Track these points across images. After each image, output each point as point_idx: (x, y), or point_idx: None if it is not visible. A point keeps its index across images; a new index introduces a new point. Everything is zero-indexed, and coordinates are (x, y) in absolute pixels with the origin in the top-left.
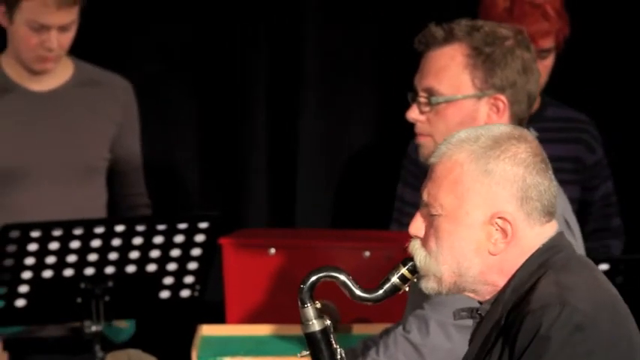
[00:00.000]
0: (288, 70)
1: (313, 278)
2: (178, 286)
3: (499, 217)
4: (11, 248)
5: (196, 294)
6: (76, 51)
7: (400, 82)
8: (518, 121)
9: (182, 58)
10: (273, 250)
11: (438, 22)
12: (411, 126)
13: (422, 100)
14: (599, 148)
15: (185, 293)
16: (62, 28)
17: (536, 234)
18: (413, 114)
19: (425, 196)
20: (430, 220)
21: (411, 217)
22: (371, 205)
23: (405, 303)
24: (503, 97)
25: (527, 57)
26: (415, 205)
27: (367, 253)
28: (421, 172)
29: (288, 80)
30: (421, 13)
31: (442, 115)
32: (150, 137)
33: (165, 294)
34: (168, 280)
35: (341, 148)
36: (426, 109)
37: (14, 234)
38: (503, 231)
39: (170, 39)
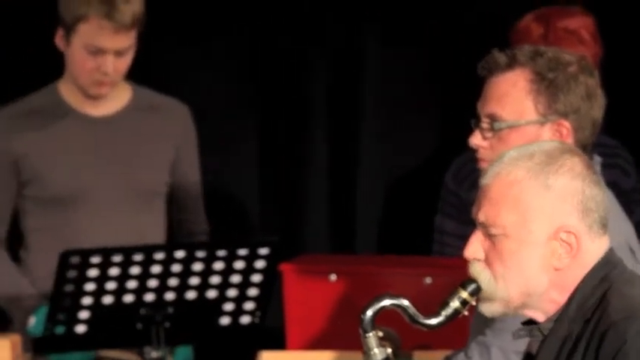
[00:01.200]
0: (348, 96)
1: (374, 307)
2: (238, 312)
3: (564, 231)
4: (71, 274)
5: (256, 320)
6: (134, 75)
7: (461, 107)
8: (582, 147)
9: (242, 83)
10: (334, 277)
11: (500, 49)
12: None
13: (485, 125)
14: (633, 172)
15: (245, 319)
16: (118, 53)
17: (596, 247)
18: (476, 140)
19: (482, 218)
20: (491, 242)
21: (452, 248)
22: (433, 232)
23: (466, 329)
24: (566, 123)
25: (591, 83)
26: (455, 235)
27: (428, 280)
28: (460, 202)
29: (348, 106)
30: (482, 39)
31: (505, 141)
32: (210, 163)
33: (225, 320)
34: (228, 307)
35: (402, 174)
36: (489, 134)
37: (74, 260)
38: (568, 245)
39: (230, 65)
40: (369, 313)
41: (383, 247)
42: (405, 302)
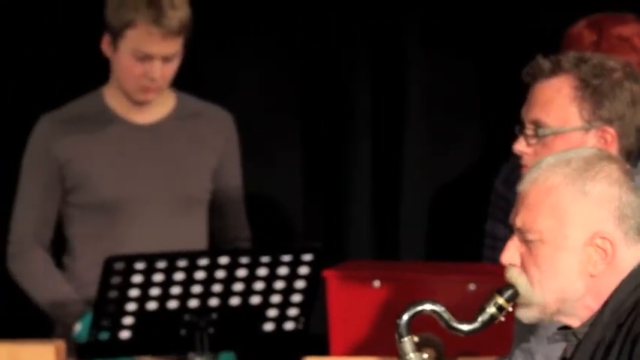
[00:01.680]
0: (393, 103)
1: (410, 312)
2: (282, 318)
3: (600, 237)
4: (116, 280)
5: (300, 326)
6: (181, 83)
7: (507, 112)
8: (627, 154)
9: (284, 88)
10: (377, 283)
11: (545, 55)
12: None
13: (529, 132)
14: None
15: (289, 326)
16: (166, 59)
17: (632, 254)
18: (520, 146)
19: (519, 224)
20: (527, 248)
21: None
22: (477, 238)
23: (510, 335)
24: (611, 130)
25: (636, 89)
26: (507, 240)
27: (472, 287)
28: (510, 206)
29: (393, 112)
30: (526, 44)
31: (549, 147)
32: (253, 169)
33: (269, 326)
34: (272, 313)
35: (446, 180)
36: (533, 141)
37: (119, 266)
38: (604, 251)
39: (273, 71)
40: (405, 318)
41: (427, 253)
42: (441, 308)
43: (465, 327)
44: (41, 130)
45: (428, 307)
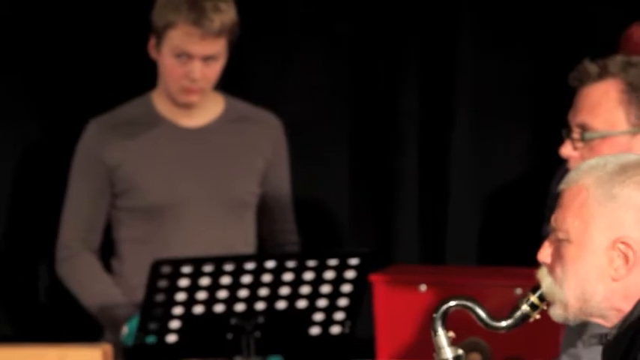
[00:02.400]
0: (440, 106)
1: (445, 307)
2: (328, 322)
3: (622, 242)
4: (162, 284)
5: (347, 330)
6: (228, 87)
7: (553, 118)
8: None
9: (332, 93)
10: (424, 287)
11: (592, 58)
12: (563, 162)
13: (576, 136)
14: None
15: (335, 330)
16: (206, 59)
17: None
18: (566, 150)
19: (553, 222)
20: (557, 246)
21: None
22: (523, 242)
23: (558, 340)
24: None
25: None
26: None
27: (519, 291)
28: None
29: (440, 116)
30: (574, 48)
31: (596, 151)
32: (300, 173)
33: (315, 330)
34: (318, 317)
35: (493, 184)
36: (580, 145)
37: (166, 269)
38: (625, 256)
39: (321, 77)
40: (439, 312)
41: (473, 257)
42: (474, 304)
43: (498, 323)
44: (90, 135)
45: (462, 302)
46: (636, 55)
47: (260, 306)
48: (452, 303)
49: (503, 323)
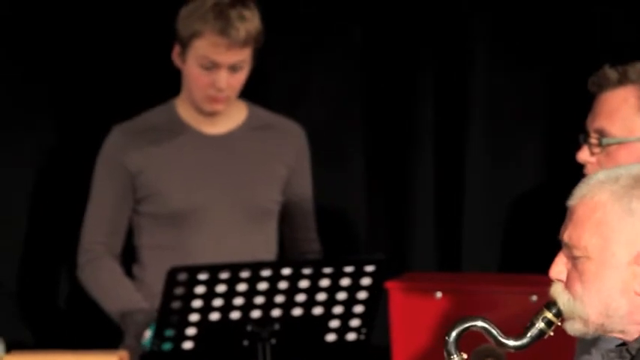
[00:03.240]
0: (455, 115)
1: (457, 330)
2: (344, 329)
3: None
4: (179, 291)
5: (362, 337)
6: (248, 94)
7: (567, 125)
8: None
9: (349, 100)
10: (439, 294)
11: (612, 65)
12: (579, 168)
13: (593, 141)
14: None
15: (351, 336)
16: (232, 68)
17: None
18: (583, 155)
19: (566, 239)
20: (573, 263)
21: None
22: (538, 249)
23: (572, 349)
24: None
25: None
26: None
27: (534, 298)
28: None
29: (456, 123)
30: (587, 56)
31: (613, 157)
32: (317, 181)
33: (331, 337)
34: (334, 323)
35: (508, 191)
36: (597, 150)
37: (182, 276)
38: None
39: (338, 85)
40: (453, 335)
41: (489, 265)
42: (488, 324)
43: (514, 342)
44: (113, 140)
45: (475, 323)
46: None
47: (276, 313)
48: (465, 325)
49: (519, 342)
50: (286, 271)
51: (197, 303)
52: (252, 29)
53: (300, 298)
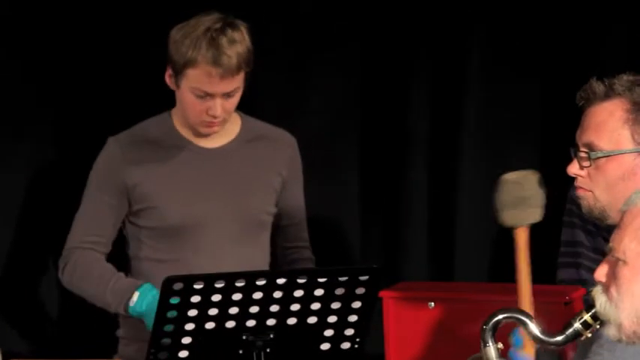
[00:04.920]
0: (449, 126)
1: (496, 318)
2: (339, 338)
3: None
4: (175, 300)
5: (356, 346)
6: (242, 107)
7: (562, 135)
8: None
9: (345, 113)
10: (432, 304)
11: (599, 78)
12: (571, 180)
13: (582, 155)
14: None
15: (345, 345)
16: (227, 95)
17: None
18: (573, 169)
19: (611, 242)
20: (613, 266)
21: (585, 258)
22: (532, 259)
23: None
24: None
25: None
26: (587, 246)
27: None
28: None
29: (449, 136)
30: (584, 67)
31: (602, 170)
32: (311, 191)
33: (325, 346)
34: (328, 332)
35: None
36: (587, 163)
37: (177, 286)
38: None
39: (333, 95)
40: (490, 324)
41: (482, 275)
42: (527, 318)
43: (550, 339)
44: (110, 152)
45: (515, 315)
46: None
47: (271, 322)
48: (503, 315)
49: (555, 339)
50: (281, 280)
51: (192, 312)
52: (243, 52)
53: (295, 307)
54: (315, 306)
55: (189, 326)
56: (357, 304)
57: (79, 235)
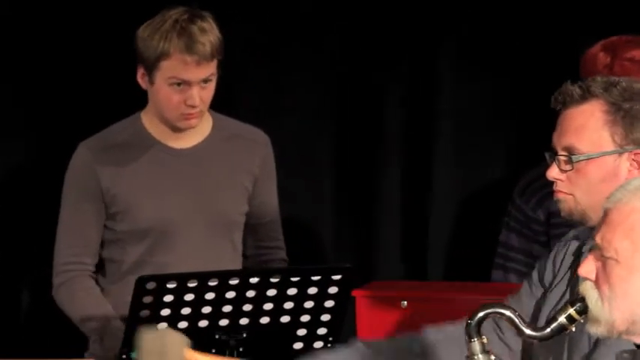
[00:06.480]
0: (423, 126)
1: (481, 313)
2: (312, 337)
3: None
4: (147, 299)
5: (329, 345)
6: (221, 107)
7: (534, 134)
8: None
9: (320, 112)
10: (405, 303)
11: (573, 81)
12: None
13: (562, 158)
14: None
15: (318, 344)
16: (203, 82)
17: None
18: (553, 173)
19: (599, 240)
20: (603, 264)
21: (516, 263)
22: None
23: None
24: None
25: None
26: (522, 250)
27: None
28: (526, 218)
29: (423, 135)
30: (555, 67)
31: (583, 173)
32: (285, 190)
33: (298, 345)
34: (301, 332)
35: (474, 201)
36: (566, 167)
37: (150, 285)
38: None
39: (309, 94)
40: (475, 319)
41: (455, 274)
42: (511, 313)
43: (535, 333)
44: (81, 158)
45: (499, 310)
46: (591, 76)
47: (244, 321)
48: (487, 310)
49: (539, 333)
50: (254, 279)
51: (165, 311)
52: (214, 40)
53: (268, 306)
54: (288, 305)
55: (162, 326)
56: (329, 304)
57: (67, 248)
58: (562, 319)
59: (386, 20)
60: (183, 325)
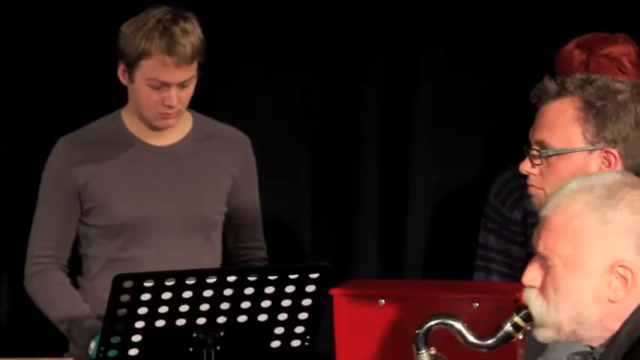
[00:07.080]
0: (400, 125)
1: (428, 324)
2: (289, 335)
3: (620, 266)
4: (125, 298)
5: (307, 344)
6: (201, 107)
7: (512, 132)
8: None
9: (297, 112)
10: (382, 301)
11: (552, 76)
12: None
13: (534, 153)
14: None
15: (296, 343)
16: (182, 84)
17: None
18: (525, 167)
19: (541, 248)
20: (547, 270)
21: (497, 264)
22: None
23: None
24: (614, 151)
25: None
26: (501, 251)
27: (476, 305)
28: (503, 219)
29: (400, 133)
30: (533, 66)
31: (553, 169)
32: (262, 189)
33: (276, 343)
34: (279, 330)
35: (453, 201)
36: (538, 162)
37: (128, 284)
38: (624, 279)
39: (287, 93)
40: (423, 329)
41: (432, 273)
42: (458, 323)
43: (482, 342)
44: (59, 153)
45: (445, 320)
46: (567, 74)
47: (221, 319)
48: (434, 321)
49: (486, 342)
50: (231, 278)
51: (143, 310)
52: (196, 42)
53: (245, 304)
54: (266, 304)
55: (140, 324)
56: (307, 302)
57: (41, 241)
58: (508, 327)
59: (363, 18)
60: (160, 323)
